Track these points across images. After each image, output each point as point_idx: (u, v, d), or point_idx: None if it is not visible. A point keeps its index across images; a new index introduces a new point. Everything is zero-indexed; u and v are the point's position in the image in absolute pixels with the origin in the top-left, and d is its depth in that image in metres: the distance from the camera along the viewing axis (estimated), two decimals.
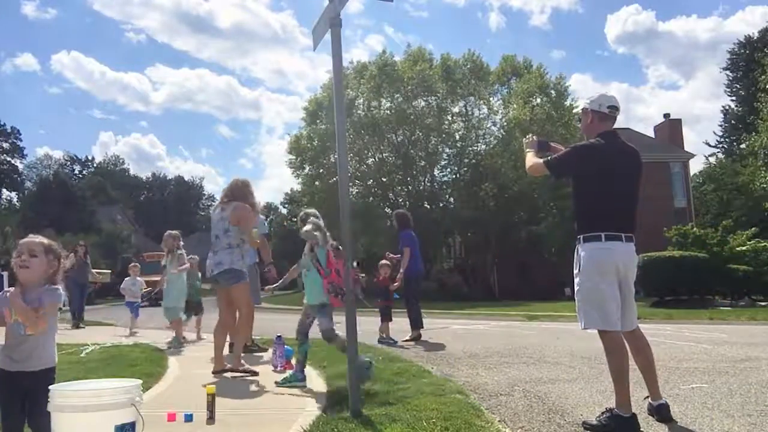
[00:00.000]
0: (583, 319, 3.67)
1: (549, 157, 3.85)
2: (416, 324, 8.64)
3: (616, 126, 3.87)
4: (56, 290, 2.84)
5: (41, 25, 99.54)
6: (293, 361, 5.85)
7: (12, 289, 2.82)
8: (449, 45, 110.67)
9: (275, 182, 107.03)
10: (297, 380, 4.96)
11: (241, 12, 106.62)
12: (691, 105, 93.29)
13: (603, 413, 3.62)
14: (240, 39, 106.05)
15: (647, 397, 3.82)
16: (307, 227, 5.14)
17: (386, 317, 8.59)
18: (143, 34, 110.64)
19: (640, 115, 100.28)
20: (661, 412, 3.72)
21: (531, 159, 3.96)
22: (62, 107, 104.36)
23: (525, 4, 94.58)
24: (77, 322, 12.34)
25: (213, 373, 5.45)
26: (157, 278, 9.08)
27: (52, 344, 2.83)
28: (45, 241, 2.89)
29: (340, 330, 4.69)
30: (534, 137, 4.15)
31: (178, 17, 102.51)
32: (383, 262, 8.90)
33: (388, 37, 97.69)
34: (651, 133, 35.73)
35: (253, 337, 7.13)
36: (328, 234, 5.21)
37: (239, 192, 5.81)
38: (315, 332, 5.23)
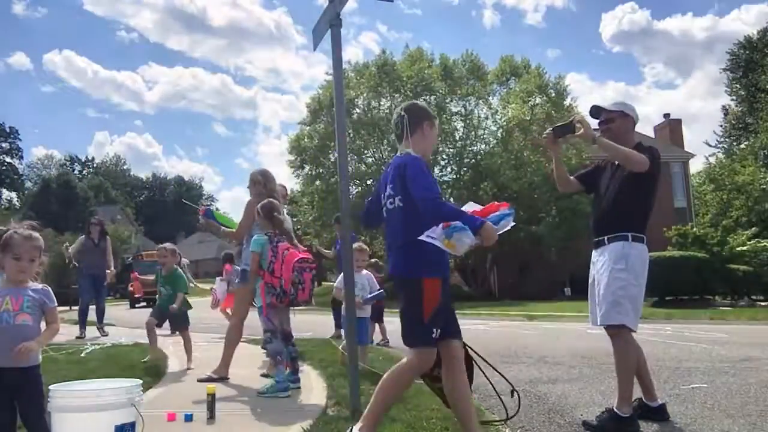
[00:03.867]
0: (617, 315, 3.59)
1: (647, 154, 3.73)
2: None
3: None
4: (51, 293, 2.82)
5: (32, 24, 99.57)
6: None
7: None
8: (444, 43, 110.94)
9: None
10: (286, 381, 4.72)
11: (233, 10, 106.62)
12: (689, 104, 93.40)
13: (603, 413, 3.62)
14: (233, 37, 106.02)
15: (638, 399, 3.83)
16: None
17: (379, 318, 8.44)
18: (135, 32, 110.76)
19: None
20: (660, 413, 3.72)
21: (628, 150, 3.70)
22: (56, 106, 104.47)
23: (519, 2, 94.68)
24: (101, 326, 9.75)
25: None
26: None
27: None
28: (41, 242, 2.81)
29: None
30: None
31: (170, 15, 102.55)
32: (372, 261, 8.75)
33: (382, 35, 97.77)
34: (651, 133, 35.72)
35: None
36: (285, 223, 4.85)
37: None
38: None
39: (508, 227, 2.88)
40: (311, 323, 7.91)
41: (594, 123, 3.98)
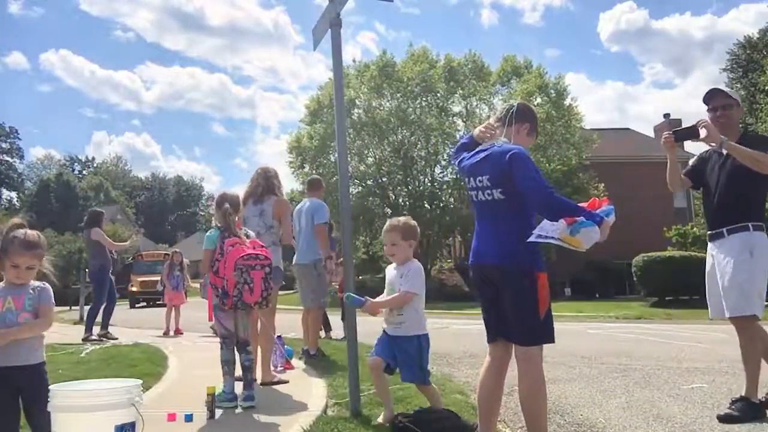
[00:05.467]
0: (747, 306, 3.61)
1: None
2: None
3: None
4: (47, 291, 2.80)
5: (29, 23, 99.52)
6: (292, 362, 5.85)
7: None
8: (442, 42, 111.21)
9: None
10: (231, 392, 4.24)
11: (231, 9, 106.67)
12: (688, 104, 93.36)
13: (736, 403, 3.62)
14: (231, 37, 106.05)
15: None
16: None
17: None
18: (132, 32, 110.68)
19: (636, 114, 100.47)
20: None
21: (756, 153, 3.59)
22: (53, 106, 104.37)
23: (517, 2, 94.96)
24: (105, 331, 8.74)
25: (262, 384, 4.80)
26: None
27: (40, 339, 2.77)
28: (43, 250, 2.78)
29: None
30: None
31: (167, 15, 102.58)
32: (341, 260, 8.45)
33: (380, 34, 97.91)
34: (650, 133, 35.72)
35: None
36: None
37: (274, 183, 5.29)
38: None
39: (611, 223, 2.77)
40: None
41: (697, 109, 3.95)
